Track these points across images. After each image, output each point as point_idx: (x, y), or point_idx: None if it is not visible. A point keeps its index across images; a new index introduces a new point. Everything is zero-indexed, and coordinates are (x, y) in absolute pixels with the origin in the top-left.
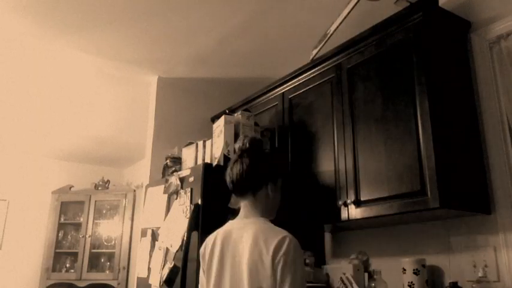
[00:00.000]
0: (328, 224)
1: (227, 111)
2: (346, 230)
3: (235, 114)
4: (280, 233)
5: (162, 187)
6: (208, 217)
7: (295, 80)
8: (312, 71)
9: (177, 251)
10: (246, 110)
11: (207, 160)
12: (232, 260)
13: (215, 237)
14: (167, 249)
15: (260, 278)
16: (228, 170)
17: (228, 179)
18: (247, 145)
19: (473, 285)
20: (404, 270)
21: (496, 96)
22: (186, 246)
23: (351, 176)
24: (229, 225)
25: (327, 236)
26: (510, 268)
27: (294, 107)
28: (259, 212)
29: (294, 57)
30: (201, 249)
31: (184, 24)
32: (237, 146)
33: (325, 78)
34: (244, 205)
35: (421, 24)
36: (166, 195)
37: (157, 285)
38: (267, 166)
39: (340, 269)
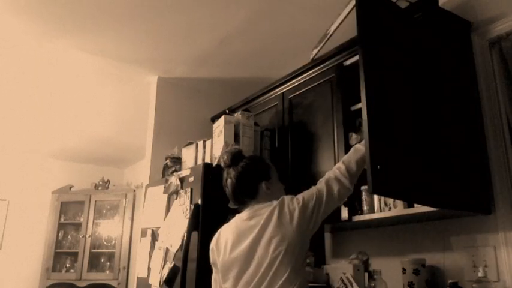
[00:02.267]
0: (328, 224)
1: (227, 111)
2: (346, 230)
3: (235, 114)
4: (277, 201)
5: (162, 187)
6: (208, 217)
7: (295, 80)
8: (312, 71)
9: (177, 251)
10: (246, 110)
11: (207, 160)
12: (247, 249)
13: (227, 232)
14: (167, 249)
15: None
16: (224, 186)
17: (227, 192)
18: (228, 161)
19: (473, 285)
20: (404, 270)
21: (496, 96)
22: (186, 246)
23: None
24: (236, 219)
25: (327, 236)
26: (510, 268)
27: (294, 107)
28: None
29: (294, 57)
30: (213, 245)
31: (185, 24)
32: (221, 163)
33: (325, 78)
34: (249, 207)
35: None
36: (166, 195)
37: (157, 285)
38: (251, 171)
39: (340, 269)
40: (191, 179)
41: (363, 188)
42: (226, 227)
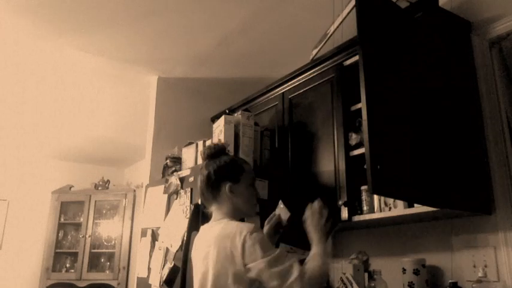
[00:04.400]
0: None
1: (227, 111)
2: (346, 230)
3: (235, 114)
4: (233, 228)
5: (162, 187)
6: (208, 217)
7: (295, 80)
8: (312, 71)
9: (177, 251)
10: (246, 110)
11: None
12: (200, 262)
13: (194, 242)
14: (167, 249)
15: (225, 278)
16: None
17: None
18: (205, 154)
19: (473, 285)
20: (404, 270)
21: (496, 96)
22: (186, 246)
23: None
24: (201, 229)
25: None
26: (510, 268)
27: (294, 107)
28: (224, 214)
29: (294, 57)
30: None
31: (184, 24)
32: (202, 154)
33: (325, 78)
34: (212, 210)
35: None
36: (166, 195)
37: (157, 285)
38: (219, 168)
39: (340, 269)
40: (191, 179)
41: (363, 188)
42: (196, 238)
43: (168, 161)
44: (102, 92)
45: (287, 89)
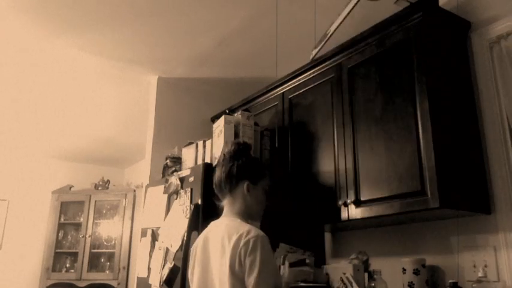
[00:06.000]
0: (328, 224)
1: (227, 111)
2: (346, 230)
3: (235, 114)
4: (243, 228)
5: (162, 187)
6: (208, 217)
7: (295, 80)
8: (312, 71)
9: (177, 251)
10: (246, 110)
11: (207, 160)
12: (205, 260)
13: (201, 236)
14: (167, 249)
15: (222, 276)
16: (214, 174)
17: (213, 182)
18: (232, 149)
19: (473, 285)
20: (404, 270)
21: (496, 96)
22: (186, 246)
23: (351, 176)
24: (211, 224)
25: (327, 236)
26: (510, 268)
27: (294, 107)
28: (235, 212)
29: (294, 57)
30: (192, 247)
31: (184, 24)
32: (226, 150)
33: (325, 78)
34: (225, 204)
35: (421, 24)
36: (166, 195)
37: (157, 285)
38: (244, 165)
39: (340, 269)
40: (191, 179)
41: None
42: (207, 231)
43: (168, 161)
44: (102, 92)
45: (287, 89)
